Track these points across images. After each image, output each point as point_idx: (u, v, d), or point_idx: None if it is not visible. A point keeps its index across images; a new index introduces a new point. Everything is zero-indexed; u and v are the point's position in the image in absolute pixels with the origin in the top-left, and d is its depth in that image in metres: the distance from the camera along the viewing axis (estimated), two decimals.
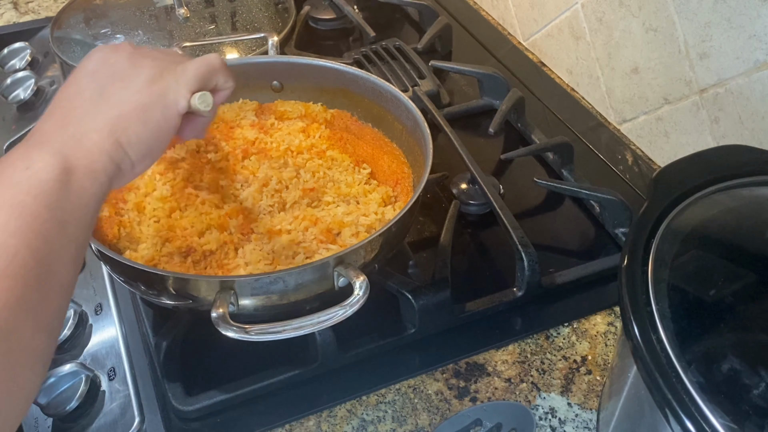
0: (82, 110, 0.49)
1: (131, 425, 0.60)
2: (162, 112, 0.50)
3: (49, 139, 0.46)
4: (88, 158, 0.46)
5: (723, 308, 0.44)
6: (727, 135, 0.75)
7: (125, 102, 0.49)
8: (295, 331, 0.52)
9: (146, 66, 0.51)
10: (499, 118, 0.87)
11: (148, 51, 0.54)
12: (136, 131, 0.49)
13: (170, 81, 0.51)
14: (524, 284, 0.69)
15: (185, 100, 0.52)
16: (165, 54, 0.54)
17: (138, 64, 0.51)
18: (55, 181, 0.43)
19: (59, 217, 0.42)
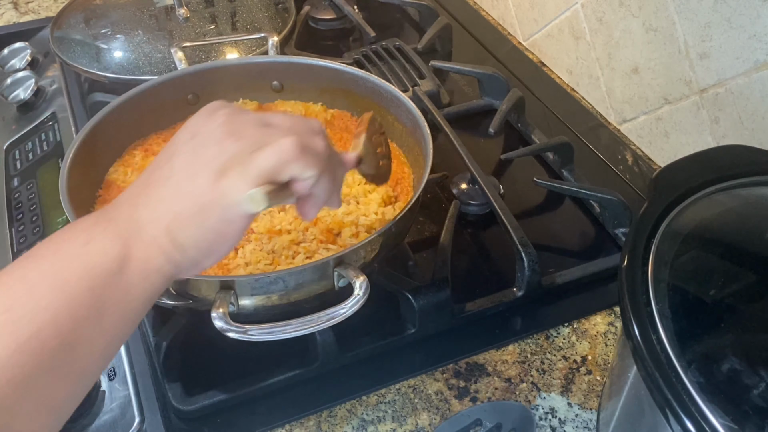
0: (154, 191, 0.44)
1: (131, 425, 0.60)
2: (221, 215, 0.43)
3: (118, 216, 0.43)
4: (145, 253, 0.42)
5: (723, 308, 0.45)
6: (727, 135, 0.75)
7: (187, 196, 0.43)
8: (295, 331, 0.52)
9: (224, 150, 0.44)
10: (499, 118, 0.87)
11: (244, 120, 0.46)
12: (193, 234, 0.43)
13: (234, 177, 0.43)
14: (524, 284, 0.69)
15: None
16: (258, 127, 0.46)
17: (219, 142, 0.45)
18: (108, 267, 0.40)
19: (99, 306, 0.39)
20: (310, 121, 0.49)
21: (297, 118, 0.48)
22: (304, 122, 0.48)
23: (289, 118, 0.47)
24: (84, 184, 0.67)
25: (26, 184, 0.86)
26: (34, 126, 0.95)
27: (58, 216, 0.79)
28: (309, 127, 0.48)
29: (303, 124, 0.47)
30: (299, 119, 0.48)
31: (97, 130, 0.69)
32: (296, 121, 0.47)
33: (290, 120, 0.47)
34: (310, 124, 0.48)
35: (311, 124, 0.48)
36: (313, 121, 0.49)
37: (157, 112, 0.76)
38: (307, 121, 0.48)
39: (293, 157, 0.45)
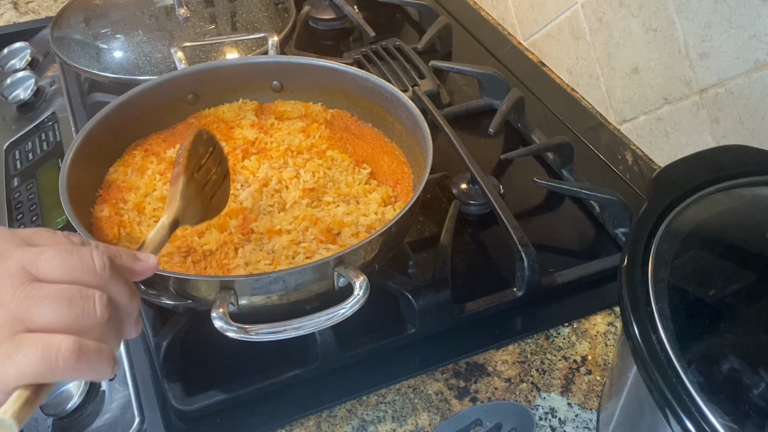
0: None
1: (131, 425, 0.60)
2: None
3: None
4: None
5: (723, 308, 0.44)
6: (727, 135, 0.75)
7: None
8: (295, 331, 0.52)
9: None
10: (499, 118, 0.87)
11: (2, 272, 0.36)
12: None
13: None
14: (524, 284, 0.69)
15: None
16: (18, 287, 0.36)
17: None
18: None
19: None
20: (83, 256, 0.38)
21: (71, 257, 0.38)
22: (80, 268, 0.37)
23: (60, 263, 0.37)
24: (84, 184, 0.67)
25: (26, 184, 0.86)
26: (34, 126, 0.95)
27: (58, 216, 0.79)
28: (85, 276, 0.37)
29: (80, 271, 0.37)
30: (73, 259, 0.37)
31: (97, 130, 0.69)
32: (70, 269, 0.37)
33: (62, 263, 0.37)
34: (82, 257, 0.38)
35: (83, 256, 0.38)
36: (86, 252, 0.38)
37: (157, 112, 0.76)
38: (81, 257, 0.38)
39: (68, 365, 0.35)
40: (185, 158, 0.56)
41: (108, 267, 0.38)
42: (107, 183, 0.70)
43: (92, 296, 0.37)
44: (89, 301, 0.36)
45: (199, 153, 0.58)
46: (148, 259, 0.44)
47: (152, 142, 0.75)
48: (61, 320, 0.35)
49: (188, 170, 0.56)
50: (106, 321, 0.37)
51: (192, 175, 0.57)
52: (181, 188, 0.55)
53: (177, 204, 0.54)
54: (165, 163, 0.72)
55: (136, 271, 0.43)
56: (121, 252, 0.42)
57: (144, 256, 0.44)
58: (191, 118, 0.79)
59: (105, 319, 0.37)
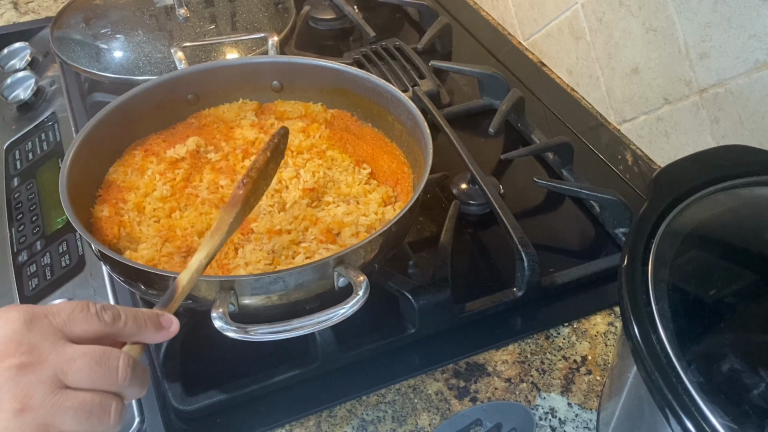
0: None
1: (131, 425, 0.60)
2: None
3: None
4: None
5: (723, 308, 0.44)
6: (727, 135, 0.75)
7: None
8: (295, 331, 0.52)
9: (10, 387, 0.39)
10: (499, 118, 0.87)
11: (33, 381, 0.40)
12: None
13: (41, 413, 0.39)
14: (524, 284, 0.69)
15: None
16: (48, 394, 0.40)
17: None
18: None
19: None
20: (110, 367, 0.42)
21: (99, 369, 0.41)
22: (106, 380, 0.41)
23: (88, 376, 0.41)
24: (84, 184, 0.67)
25: (26, 184, 0.86)
26: (34, 126, 0.95)
27: (58, 216, 0.79)
28: (109, 386, 0.42)
29: (105, 383, 0.41)
30: (101, 371, 0.41)
31: (97, 130, 0.69)
32: (97, 381, 0.41)
33: (89, 375, 0.41)
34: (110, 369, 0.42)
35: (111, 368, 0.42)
36: (114, 362, 0.42)
37: (157, 112, 0.76)
38: (108, 368, 0.42)
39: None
40: (252, 183, 0.52)
41: (129, 377, 0.42)
42: (107, 183, 0.70)
43: (109, 407, 0.42)
44: (106, 412, 0.41)
45: (267, 170, 0.55)
46: (171, 325, 0.47)
47: (152, 142, 0.75)
48: (80, 428, 0.40)
49: (247, 198, 0.53)
50: (117, 423, 0.42)
51: (248, 200, 0.53)
52: (232, 221, 0.52)
53: (221, 238, 0.52)
54: (165, 163, 0.72)
55: (158, 339, 0.47)
56: (147, 320, 0.46)
57: (167, 321, 0.47)
58: (191, 118, 0.79)
59: (116, 422, 0.42)
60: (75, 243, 0.76)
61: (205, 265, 0.51)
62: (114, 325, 0.44)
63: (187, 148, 0.73)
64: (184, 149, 0.73)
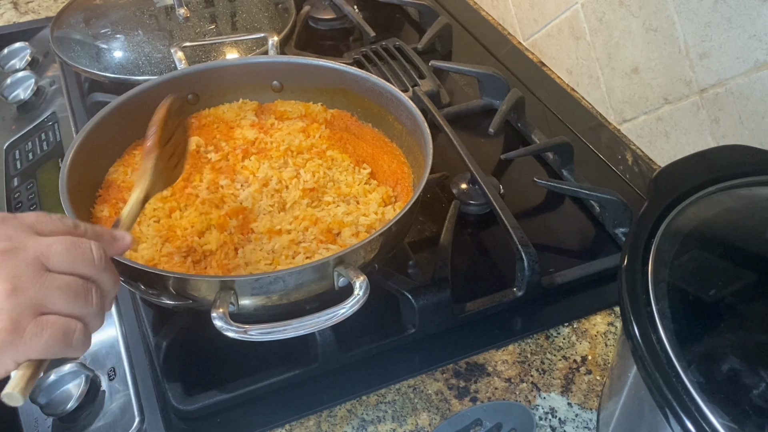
0: None
1: (131, 425, 0.60)
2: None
3: None
4: None
5: (723, 308, 0.44)
6: (727, 135, 0.75)
7: None
8: (295, 331, 0.52)
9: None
10: (499, 118, 0.87)
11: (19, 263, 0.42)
12: None
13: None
14: (524, 284, 0.69)
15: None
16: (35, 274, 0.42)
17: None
18: None
19: None
20: (84, 249, 0.44)
21: (75, 250, 0.44)
22: (83, 261, 0.44)
23: (67, 257, 0.43)
24: (84, 184, 0.67)
25: (26, 184, 0.86)
26: (34, 126, 0.95)
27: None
28: (86, 269, 0.44)
29: (82, 264, 0.44)
30: (77, 253, 0.44)
31: (97, 130, 0.69)
32: (75, 262, 0.43)
33: (68, 257, 0.43)
34: (84, 250, 0.44)
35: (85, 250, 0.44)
36: (86, 245, 0.44)
37: None
38: (83, 250, 0.44)
39: (77, 344, 0.43)
40: (158, 133, 0.58)
41: (104, 259, 0.45)
42: (107, 183, 0.70)
43: (91, 289, 0.44)
44: (89, 294, 0.44)
45: (170, 124, 0.60)
46: (124, 237, 0.50)
47: None
48: (69, 308, 0.43)
49: (159, 144, 0.58)
50: (99, 310, 0.45)
51: (163, 148, 0.58)
52: (152, 164, 0.57)
53: (148, 180, 0.57)
54: None
55: (116, 251, 0.49)
56: (104, 233, 0.49)
57: (120, 234, 0.50)
58: (191, 118, 0.79)
59: (99, 308, 0.45)
60: None
61: (141, 200, 0.56)
62: (75, 230, 0.46)
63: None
64: None
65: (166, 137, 0.59)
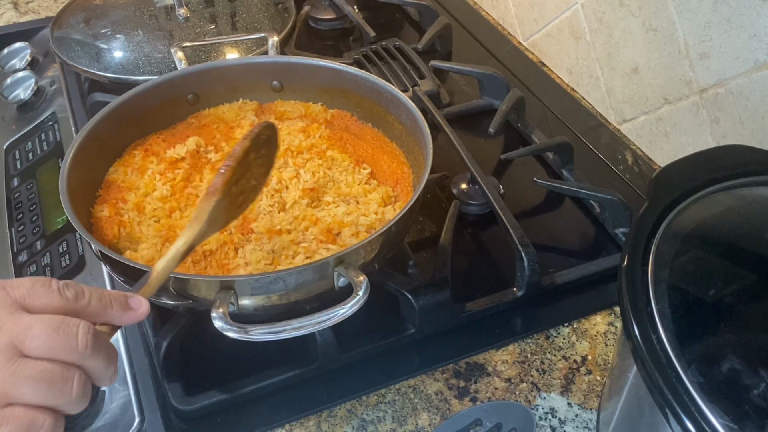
0: None
1: (131, 425, 0.60)
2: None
3: None
4: None
5: (723, 308, 0.44)
6: (727, 135, 0.75)
7: None
8: (295, 331, 0.52)
9: None
10: (499, 118, 0.87)
11: None
12: None
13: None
14: (524, 284, 0.69)
15: None
16: (5, 364, 0.38)
17: None
18: None
19: None
20: (69, 334, 0.40)
21: (57, 336, 0.39)
22: (64, 348, 0.39)
23: (45, 343, 0.39)
24: (84, 184, 0.67)
25: (26, 184, 0.86)
26: (34, 126, 0.95)
27: (58, 216, 0.79)
28: (68, 356, 0.40)
29: (63, 351, 0.39)
30: (59, 339, 0.39)
31: (97, 130, 0.69)
32: (55, 349, 0.39)
33: (48, 343, 0.39)
34: (68, 335, 0.40)
35: (69, 334, 0.40)
36: (72, 329, 0.40)
37: (157, 112, 0.76)
38: (67, 335, 0.40)
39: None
40: (231, 172, 0.51)
41: (90, 346, 0.40)
42: (107, 183, 0.70)
43: (71, 378, 0.40)
44: (68, 384, 0.39)
45: (248, 161, 0.53)
46: (140, 306, 0.45)
47: (152, 142, 0.75)
48: (40, 399, 0.39)
49: (227, 186, 0.51)
50: (80, 397, 0.40)
51: (230, 189, 0.51)
52: (210, 209, 0.51)
53: (200, 227, 0.50)
54: (165, 163, 0.72)
55: (125, 321, 0.45)
56: (113, 301, 0.43)
57: (136, 303, 0.45)
58: (191, 118, 0.79)
59: (79, 396, 0.40)
60: (75, 243, 0.76)
61: (183, 253, 0.49)
62: (76, 302, 0.42)
63: (187, 148, 0.73)
64: (184, 149, 0.73)
65: (240, 174, 0.51)
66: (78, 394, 0.40)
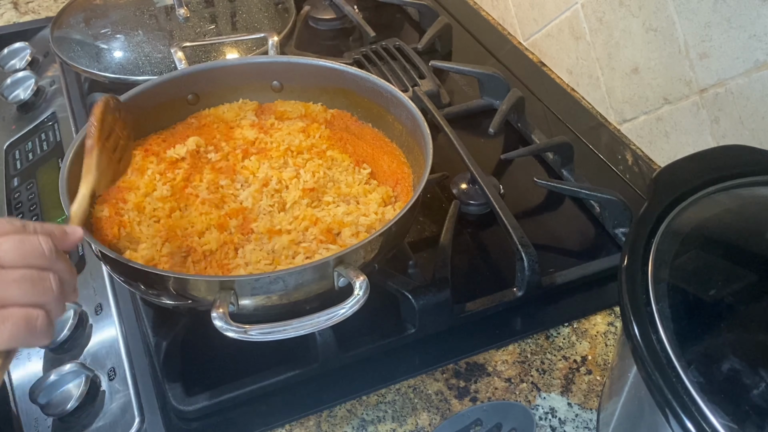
0: None
1: (131, 425, 0.60)
2: None
3: None
4: None
5: (723, 308, 0.44)
6: (727, 135, 0.75)
7: None
8: (295, 331, 0.52)
9: None
10: (499, 118, 0.87)
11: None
12: None
13: None
14: (524, 284, 0.69)
15: None
16: None
17: None
18: None
19: None
20: (33, 243, 0.45)
21: (24, 245, 0.45)
22: (33, 254, 0.45)
23: (17, 253, 0.45)
24: None
25: (26, 184, 0.86)
26: (34, 126, 0.95)
27: (58, 216, 0.79)
28: (38, 260, 0.45)
29: (33, 257, 0.45)
30: (26, 247, 0.45)
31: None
32: (26, 256, 0.45)
33: (19, 252, 0.45)
34: (33, 244, 0.45)
35: (33, 243, 0.46)
36: (34, 239, 0.46)
37: (157, 112, 0.76)
38: (32, 244, 0.45)
39: (41, 331, 0.44)
40: (97, 130, 0.60)
41: (54, 250, 0.46)
42: None
43: (47, 277, 0.45)
44: (46, 282, 0.45)
45: (108, 121, 0.62)
46: (75, 232, 0.51)
47: (152, 142, 0.75)
48: (28, 298, 0.44)
49: (99, 141, 0.60)
50: (60, 296, 0.46)
51: (103, 144, 0.60)
52: (95, 160, 0.59)
53: (93, 176, 0.58)
54: (165, 163, 0.72)
55: (67, 245, 0.50)
56: (54, 229, 0.49)
57: (71, 230, 0.51)
58: (191, 118, 0.79)
59: (59, 294, 0.46)
60: None
61: (88, 195, 0.57)
62: (24, 229, 0.47)
63: (187, 148, 0.73)
64: (184, 149, 0.73)
65: (105, 133, 0.61)
66: (58, 290, 0.46)
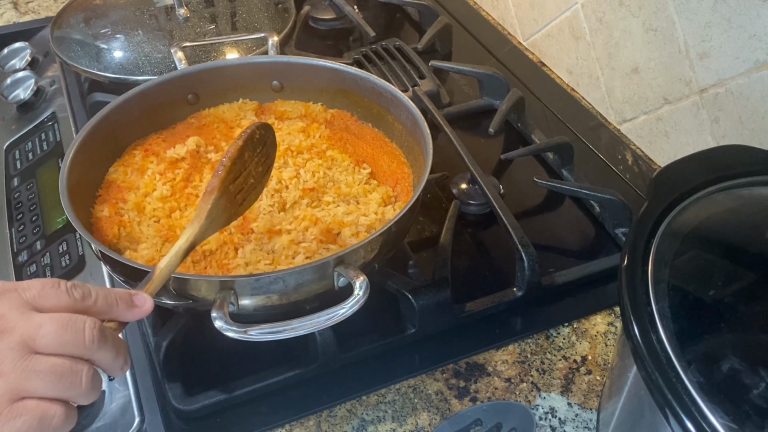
0: None
1: (131, 425, 0.60)
2: None
3: None
4: None
5: (723, 308, 0.44)
6: (727, 135, 0.75)
7: None
8: (295, 331, 0.52)
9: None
10: (499, 118, 0.87)
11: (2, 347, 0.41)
12: None
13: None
14: (524, 284, 0.69)
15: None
16: (18, 359, 0.40)
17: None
18: None
19: None
20: (77, 330, 0.42)
21: (65, 332, 0.42)
22: (73, 344, 0.42)
23: (55, 340, 0.41)
24: (84, 184, 0.67)
25: (26, 184, 0.86)
26: (34, 126, 0.95)
27: (58, 216, 0.79)
28: (77, 350, 0.42)
29: (72, 346, 0.42)
30: (68, 335, 0.42)
31: (97, 130, 0.69)
32: (64, 344, 0.41)
33: (57, 340, 0.41)
34: (76, 331, 0.42)
35: (77, 330, 0.42)
36: (80, 325, 0.42)
37: (157, 112, 0.76)
38: (75, 331, 0.42)
39: (57, 429, 0.41)
40: (226, 170, 0.52)
41: (97, 340, 0.43)
42: (107, 183, 0.70)
43: (80, 371, 0.42)
44: (77, 376, 0.42)
45: (243, 159, 0.54)
46: (144, 304, 0.47)
47: (152, 142, 0.75)
48: (51, 392, 0.41)
49: (224, 184, 0.52)
50: (90, 389, 0.43)
51: (227, 187, 0.53)
52: (209, 206, 0.52)
53: (200, 225, 0.52)
54: (165, 163, 0.72)
55: (130, 318, 0.47)
56: (119, 299, 0.46)
57: (140, 300, 0.47)
58: (191, 118, 0.79)
59: (89, 388, 0.43)
60: (75, 243, 0.76)
61: (185, 250, 0.51)
62: (84, 301, 0.44)
63: (187, 148, 0.73)
64: (184, 149, 0.73)
65: (237, 173, 0.53)
66: (87, 386, 0.42)
